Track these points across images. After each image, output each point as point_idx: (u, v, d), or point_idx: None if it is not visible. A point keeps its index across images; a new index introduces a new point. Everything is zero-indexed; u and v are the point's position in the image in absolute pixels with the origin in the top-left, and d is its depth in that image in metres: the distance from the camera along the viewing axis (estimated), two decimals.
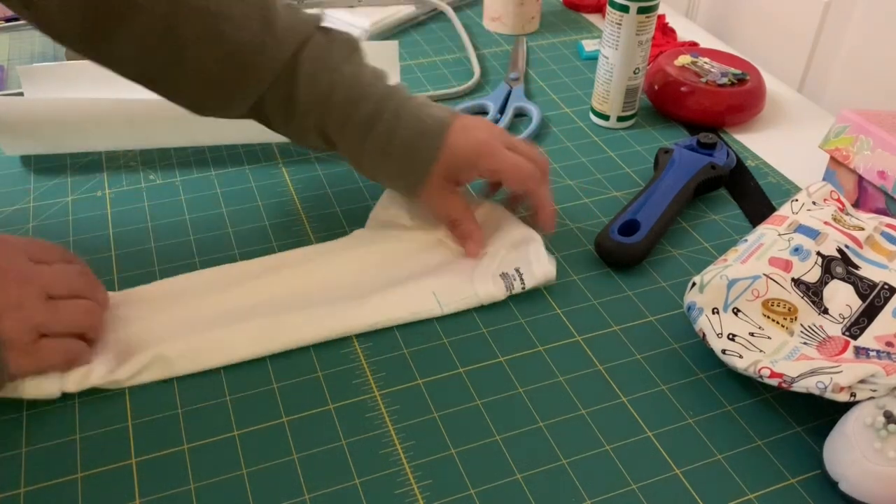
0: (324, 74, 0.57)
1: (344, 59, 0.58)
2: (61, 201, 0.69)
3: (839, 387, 0.47)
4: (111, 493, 0.46)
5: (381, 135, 0.58)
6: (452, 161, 0.59)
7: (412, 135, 0.58)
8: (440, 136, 0.59)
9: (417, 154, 0.59)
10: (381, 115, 0.58)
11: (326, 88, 0.57)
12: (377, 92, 0.59)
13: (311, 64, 0.57)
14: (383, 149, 0.59)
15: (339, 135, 0.59)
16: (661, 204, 0.67)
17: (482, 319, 0.59)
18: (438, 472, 0.48)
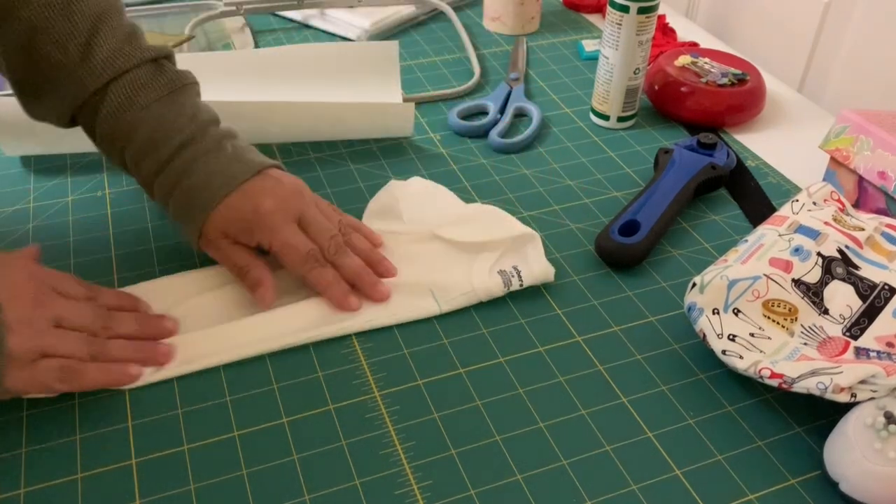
0: (128, 112, 0.56)
1: (158, 98, 0.57)
2: (61, 201, 0.69)
3: (839, 387, 0.47)
4: (111, 493, 0.46)
5: (167, 180, 0.57)
6: (228, 223, 0.57)
7: (194, 187, 0.56)
8: (218, 194, 0.56)
9: (191, 209, 0.57)
10: (173, 160, 0.57)
11: (127, 126, 0.56)
12: (183, 137, 0.57)
13: (119, 98, 0.56)
14: (167, 196, 0.57)
15: (135, 171, 0.58)
16: (661, 204, 0.67)
17: (482, 320, 0.59)
18: (438, 473, 0.48)
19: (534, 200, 0.71)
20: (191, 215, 0.57)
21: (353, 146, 0.78)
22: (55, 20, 0.54)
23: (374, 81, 0.80)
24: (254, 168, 0.58)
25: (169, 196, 0.57)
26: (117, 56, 0.56)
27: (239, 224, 0.57)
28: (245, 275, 0.57)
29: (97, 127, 0.57)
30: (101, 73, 0.56)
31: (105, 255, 0.63)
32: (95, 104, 0.57)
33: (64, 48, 0.55)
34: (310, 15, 1.01)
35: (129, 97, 0.56)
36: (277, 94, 0.77)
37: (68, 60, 0.55)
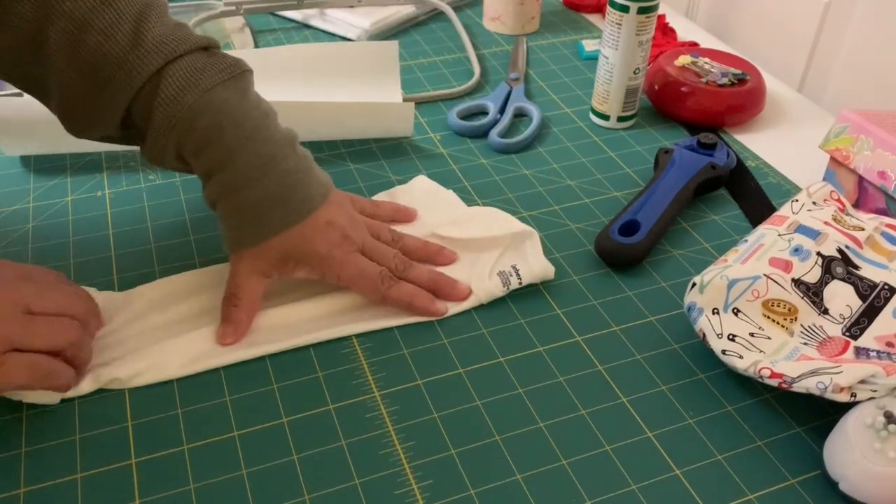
0: (189, 94, 0.52)
1: (219, 83, 0.53)
2: (61, 201, 0.69)
3: (839, 387, 0.47)
4: (111, 493, 0.46)
5: (235, 179, 0.53)
6: (294, 250, 0.55)
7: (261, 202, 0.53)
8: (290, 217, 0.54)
9: (257, 221, 0.54)
10: (239, 154, 0.53)
11: (189, 109, 0.52)
12: (248, 127, 0.53)
13: (178, 80, 0.52)
14: (231, 194, 0.54)
15: (194, 160, 0.54)
16: (661, 204, 0.67)
17: (482, 319, 0.59)
18: (438, 472, 0.48)
19: (534, 200, 0.71)
20: (254, 227, 0.54)
21: (353, 146, 0.78)
22: (99, 11, 0.52)
23: (374, 81, 0.80)
24: (322, 193, 0.56)
25: (232, 195, 0.54)
26: (169, 40, 0.53)
27: (307, 256, 0.55)
28: (230, 305, 0.55)
29: (154, 114, 0.52)
30: (155, 57, 0.52)
31: (105, 255, 0.63)
32: (151, 91, 0.53)
33: (112, 38, 0.52)
34: (310, 15, 1.01)
35: (189, 80, 0.52)
36: (277, 94, 0.77)
37: (118, 50, 0.52)
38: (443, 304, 0.59)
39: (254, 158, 0.53)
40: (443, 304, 0.59)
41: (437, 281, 0.59)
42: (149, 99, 0.53)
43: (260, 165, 0.53)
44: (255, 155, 0.53)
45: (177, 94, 0.52)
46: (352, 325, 0.57)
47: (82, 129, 0.56)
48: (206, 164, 0.54)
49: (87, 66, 0.52)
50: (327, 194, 0.57)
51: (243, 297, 0.56)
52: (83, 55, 0.52)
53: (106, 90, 0.53)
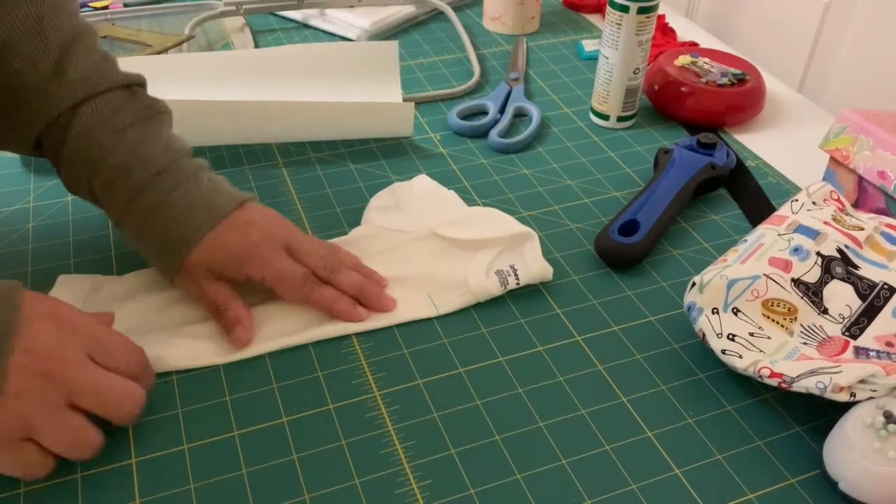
0: (100, 134, 0.54)
1: (133, 123, 0.55)
2: (61, 201, 0.69)
3: (839, 387, 0.47)
4: (111, 493, 0.46)
5: (141, 210, 0.54)
6: (214, 258, 0.54)
7: (174, 218, 0.54)
8: (202, 228, 0.54)
9: (171, 242, 0.54)
10: (149, 188, 0.54)
11: (98, 149, 0.54)
12: (158, 164, 0.55)
13: (92, 118, 0.54)
14: (142, 224, 0.54)
15: (104, 197, 0.55)
16: (661, 204, 0.67)
17: (482, 319, 0.59)
18: (438, 472, 0.48)
19: (534, 200, 0.71)
20: (170, 248, 0.54)
21: (353, 146, 0.78)
22: (27, 37, 0.52)
23: (374, 81, 0.80)
24: (235, 200, 0.56)
25: (143, 226, 0.54)
26: (91, 76, 0.54)
27: (226, 259, 0.54)
28: (223, 313, 0.55)
29: (65, 148, 0.54)
30: (74, 92, 0.53)
31: (105, 255, 0.63)
32: (65, 124, 0.54)
33: (34, 66, 0.53)
34: (310, 15, 1.01)
35: (103, 119, 0.54)
36: (277, 94, 0.77)
37: (38, 78, 0.53)
38: (365, 311, 0.57)
39: (161, 189, 0.54)
40: (365, 311, 0.57)
41: (364, 288, 0.57)
42: (61, 132, 0.54)
43: (167, 192, 0.54)
44: (163, 186, 0.54)
45: (88, 132, 0.54)
46: (357, 323, 0.57)
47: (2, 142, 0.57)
48: (116, 200, 0.55)
49: (6, 86, 0.53)
50: (244, 201, 0.56)
51: (220, 300, 0.55)
52: (3, 76, 0.53)
53: (21, 113, 0.54)
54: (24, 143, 0.56)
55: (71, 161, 0.55)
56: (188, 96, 0.71)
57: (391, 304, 0.58)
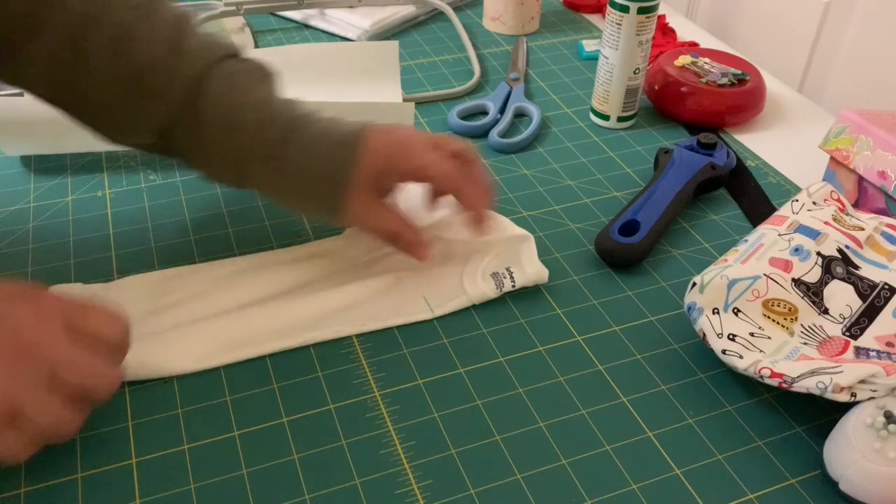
0: (233, 97, 0.55)
1: (255, 84, 0.57)
2: (61, 201, 0.69)
3: (839, 387, 0.47)
4: (111, 493, 0.46)
5: (295, 152, 0.55)
6: (373, 164, 0.55)
7: (328, 146, 0.56)
8: (357, 140, 0.56)
9: (335, 164, 0.55)
10: (294, 132, 0.56)
11: (235, 111, 0.55)
12: (288, 113, 0.56)
13: (220, 86, 0.55)
14: (299, 166, 0.56)
15: (250, 159, 0.56)
16: (661, 204, 0.67)
17: (482, 319, 0.59)
18: (438, 472, 0.48)
19: (534, 200, 0.71)
20: (333, 178, 0.55)
21: None
22: (140, 22, 0.54)
23: (374, 81, 0.80)
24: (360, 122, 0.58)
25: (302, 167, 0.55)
26: (207, 47, 0.56)
27: (383, 161, 0.56)
28: (398, 239, 0.58)
29: (203, 117, 0.55)
30: (196, 62, 0.55)
31: (105, 255, 0.63)
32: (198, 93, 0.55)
33: (152, 48, 0.54)
34: (310, 15, 1.01)
35: (231, 83, 0.55)
36: None
37: (160, 57, 0.54)
38: None
39: (309, 130, 0.56)
40: None
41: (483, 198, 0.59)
42: (194, 103, 0.55)
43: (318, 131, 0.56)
44: (308, 128, 0.56)
45: (222, 96, 0.55)
46: (352, 325, 0.57)
47: (118, 136, 0.58)
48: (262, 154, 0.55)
49: (129, 74, 0.54)
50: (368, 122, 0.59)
51: (394, 227, 0.57)
52: (125, 63, 0.54)
53: (147, 97, 0.55)
54: (149, 130, 0.56)
55: (213, 131, 0.55)
56: None
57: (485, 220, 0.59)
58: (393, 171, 0.57)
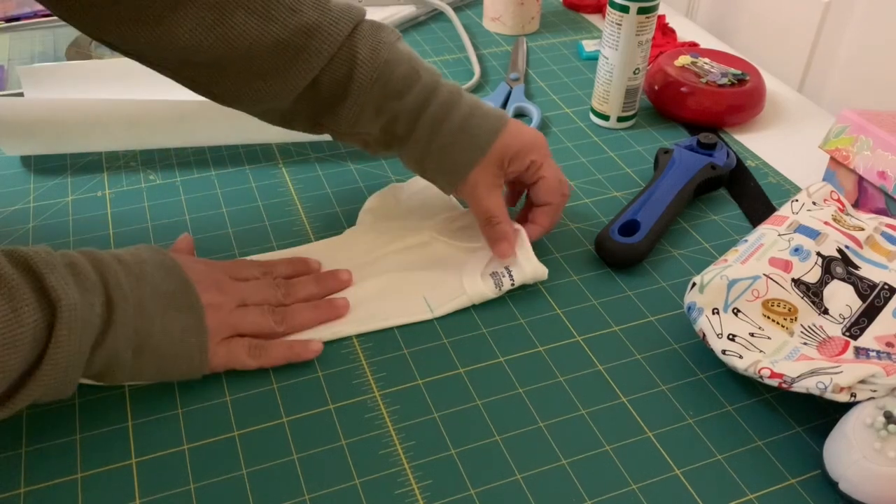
0: (382, 51, 0.57)
1: (396, 39, 0.59)
2: (61, 201, 0.69)
3: (839, 387, 0.47)
4: (111, 493, 0.46)
5: (443, 105, 0.59)
6: (510, 144, 0.60)
7: (474, 111, 0.59)
8: (502, 118, 0.60)
9: (478, 129, 0.59)
10: (442, 88, 0.59)
11: (385, 64, 0.57)
12: (435, 70, 0.60)
13: (369, 41, 0.57)
14: (442, 120, 0.59)
15: (398, 108, 0.58)
16: (661, 204, 0.67)
17: (482, 319, 0.59)
18: (438, 472, 0.48)
19: None
20: (473, 139, 0.59)
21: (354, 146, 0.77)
22: None
23: None
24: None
25: (447, 120, 0.59)
26: (348, 9, 0.57)
27: (521, 145, 0.60)
28: (494, 225, 0.60)
29: (357, 72, 0.57)
30: (344, 23, 0.56)
31: None
32: (349, 52, 0.57)
33: (299, 11, 0.55)
34: None
35: (377, 39, 0.57)
36: None
37: (307, 20, 0.55)
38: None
39: (446, 88, 0.60)
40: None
41: None
42: (346, 61, 0.57)
43: (453, 93, 0.60)
44: (446, 87, 0.60)
45: (373, 52, 0.57)
46: (352, 325, 0.57)
47: (253, 103, 0.59)
48: (410, 106, 0.58)
49: (277, 39, 0.55)
50: None
51: (498, 212, 0.60)
52: (272, 29, 0.54)
53: (297, 60, 0.56)
54: (291, 94, 0.57)
55: (363, 84, 0.57)
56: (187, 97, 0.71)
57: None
58: (523, 157, 0.60)
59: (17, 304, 0.42)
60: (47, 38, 0.95)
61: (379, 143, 0.61)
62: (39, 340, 0.43)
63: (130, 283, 0.49)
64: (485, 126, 0.59)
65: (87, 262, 0.47)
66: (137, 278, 0.50)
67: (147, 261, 0.51)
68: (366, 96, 0.58)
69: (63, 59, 0.90)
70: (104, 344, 0.47)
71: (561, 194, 0.62)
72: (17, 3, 1.01)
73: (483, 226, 0.61)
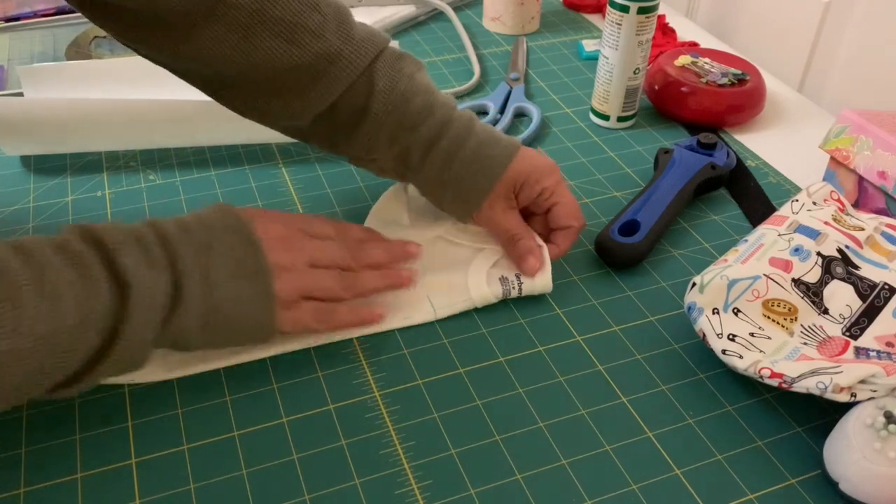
0: (400, 82, 0.58)
1: (417, 70, 0.60)
2: (61, 201, 0.69)
3: (839, 387, 0.47)
4: (111, 493, 0.46)
5: (455, 138, 0.59)
6: (521, 171, 0.60)
7: (485, 141, 0.60)
8: (513, 146, 0.60)
9: (489, 159, 0.59)
10: (455, 121, 0.59)
11: (401, 96, 0.58)
12: (451, 103, 0.61)
13: (388, 71, 0.58)
14: (454, 152, 0.59)
15: (411, 139, 0.59)
16: (661, 204, 0.67)
17: (482, 319, 0.59)
18: (438, 472, 0.48)
19: None
20: (482, 171, 0.59)
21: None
22: (307, 12, 0.55)
23: None
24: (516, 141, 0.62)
25: (456, 155, 0.59)
26: (371, 37, 0.58)
27: (532, 172, 0.60)
28: (517, 242, 0.60)
29: (373, 102, 0.58)
30: (366, 51, 0.57)
31: None
32: (368, 81, 0.58)
33: (322, 37, 0.56)
34: None
35: (395, 69, 0.58)
36: None
37: (329, 46, 0.56)
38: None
39: (459, 121, 0.60)
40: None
41: None
42: (364, 89, 0.58)
43: (465, 125, 0.60)
44: (459, 119, 0.60)
45: (390, 83, 0.58)
46: (348, 329, 0.57)
47: (273, 119, 0.60)
48: (423, 139, 0.59)
49: (299, 63, 0.56)
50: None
51: (519, 230, 0.61)
52: (295, 53, 0.55)
53: (317, 84, 0.57)
54: (310, 115, 0.59)
55: (378, 114, 0.58)
56: (187, 97, 0.71)
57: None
58: (535, 185, 0.60)
59: (91, 282, 0.44)
60: (47, 38, 0.95)
61: (394, 172, 0.62)
62: (111, 318, 0.44)
63: (198, 257, 0.49)
64: (496, 155, 0.60)
65: (155, 238, 0.48)
66: (204, 249, 0.49)
67: (215, 226, 0.51)
68: (380, 125, 0.59)
69: (63, 59, 0.90)
70: (173, 320, 0.47)
71: (578, 218, 0.62)
72: (17, 3, 1.01)
73: (507, 245, 0.61)
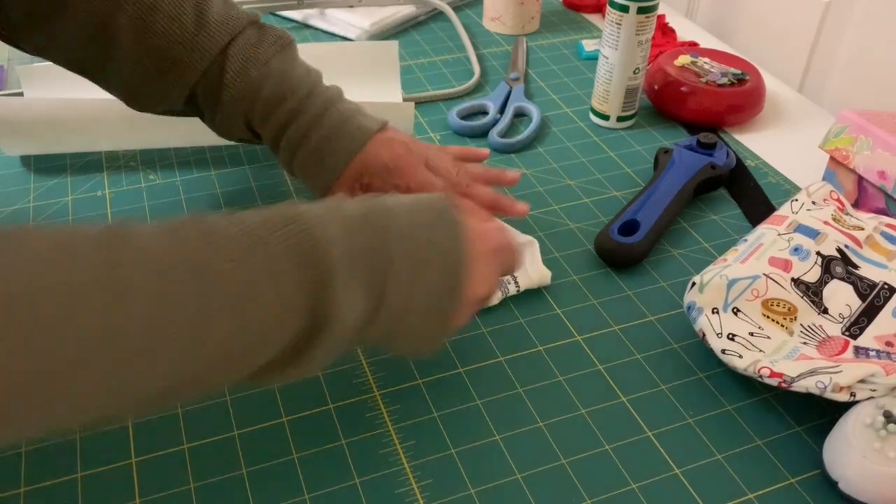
0: (251, 69, 0.58)
1: (274, 55, 0.59)
2: (61, 201, 0.69)
3: (839, 386, 0.47)
4: (111, 493, 0.46)
5: (299, 130, 0.59)
6: (365, 169, 0.59)
7: (329, 135, 0.59)
8: (357, 141, 0.59)
9: (330, 155, 0.59)
10: (303, 112, 0.59)
11: (253, 83, 0.58)
12: (304, 89, 0.60)
13: (240, 58, 0.58)
14: (299, 144, 0.59)
15: (262, 128, 0.60)
16: (661, 204, 0.67)
17: (482, 319, 0.59)
18: (438, 472, 0.48)
19: (534, 200, 0.71)
20: (327, 163, 0.59)
21: None
22: None
23: (373, 81, 0.80)
24: (378, 122, 0.61)
25: (300, 146, 0.59)
26: (227, 20, 0.58)
27: (377, 169, 0.59)
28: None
29: (223, 91, 0.58)
30: (219, 37, 0.57)
31: None
32: (219, 68, 0.58)
33: (179, 22, 0.56)
34: (310, 15, 1.01)
35: (250, 56, 0.58)
36: None
37: (185, 32, 0.56)
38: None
39: (312, 110, 0.59)
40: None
41: (497, 200, 0.62)
42: (215, 77, 0.58)
43: (318, 114, 0.59)
44: (313, 107, 0.59)
45: (241, 71, 0.58)
46: None
47: (148, 106, 0.61)
48: (274, 126, 0.59)
49: (156, 48, 0.56)
50: (385, 124, 0.62)
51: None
52: (152, 39, 0.56)
53: (173, 71, 0.57)
54: (178, 100, 0.59)
55: (229, 102, 0.58)
56: None
57: (525, 210, 0.62)
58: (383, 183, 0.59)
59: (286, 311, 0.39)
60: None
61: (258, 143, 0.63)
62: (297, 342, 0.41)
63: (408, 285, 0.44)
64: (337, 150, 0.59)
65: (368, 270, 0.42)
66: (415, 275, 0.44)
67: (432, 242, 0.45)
68: (233, 115, 0.59)
69: None
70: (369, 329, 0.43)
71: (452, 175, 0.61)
72: None
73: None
